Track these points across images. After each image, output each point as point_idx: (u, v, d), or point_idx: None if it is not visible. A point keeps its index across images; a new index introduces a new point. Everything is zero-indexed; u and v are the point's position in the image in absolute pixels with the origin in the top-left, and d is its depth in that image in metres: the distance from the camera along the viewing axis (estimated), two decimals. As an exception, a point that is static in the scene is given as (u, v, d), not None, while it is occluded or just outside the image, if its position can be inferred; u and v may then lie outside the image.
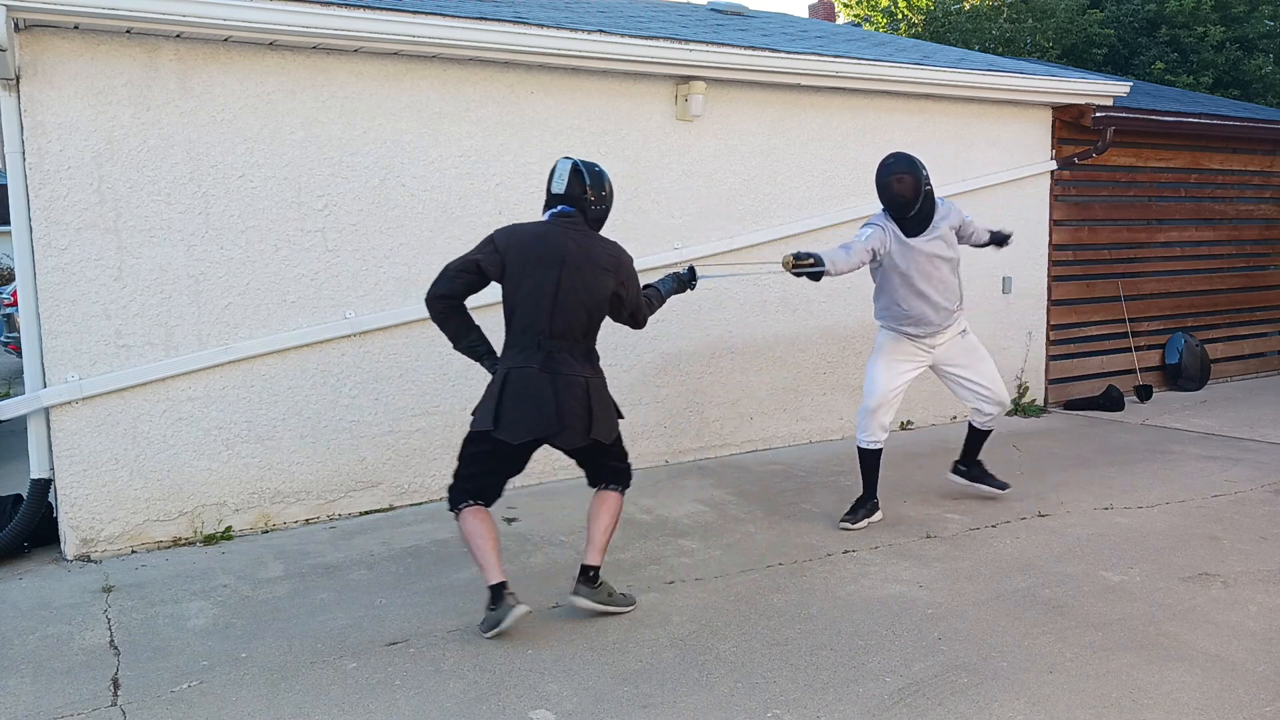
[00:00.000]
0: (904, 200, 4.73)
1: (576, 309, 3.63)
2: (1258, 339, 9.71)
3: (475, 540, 3.63)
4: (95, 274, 4.68)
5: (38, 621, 3.94)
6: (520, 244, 3.67)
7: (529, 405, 3.57)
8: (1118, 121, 7.88)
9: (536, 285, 3.60)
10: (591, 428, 3.63)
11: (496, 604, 3.57)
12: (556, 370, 3.60)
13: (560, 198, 3.75)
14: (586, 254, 3.67)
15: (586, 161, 3.79)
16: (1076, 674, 3.28)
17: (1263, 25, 17.37)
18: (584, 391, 3.63)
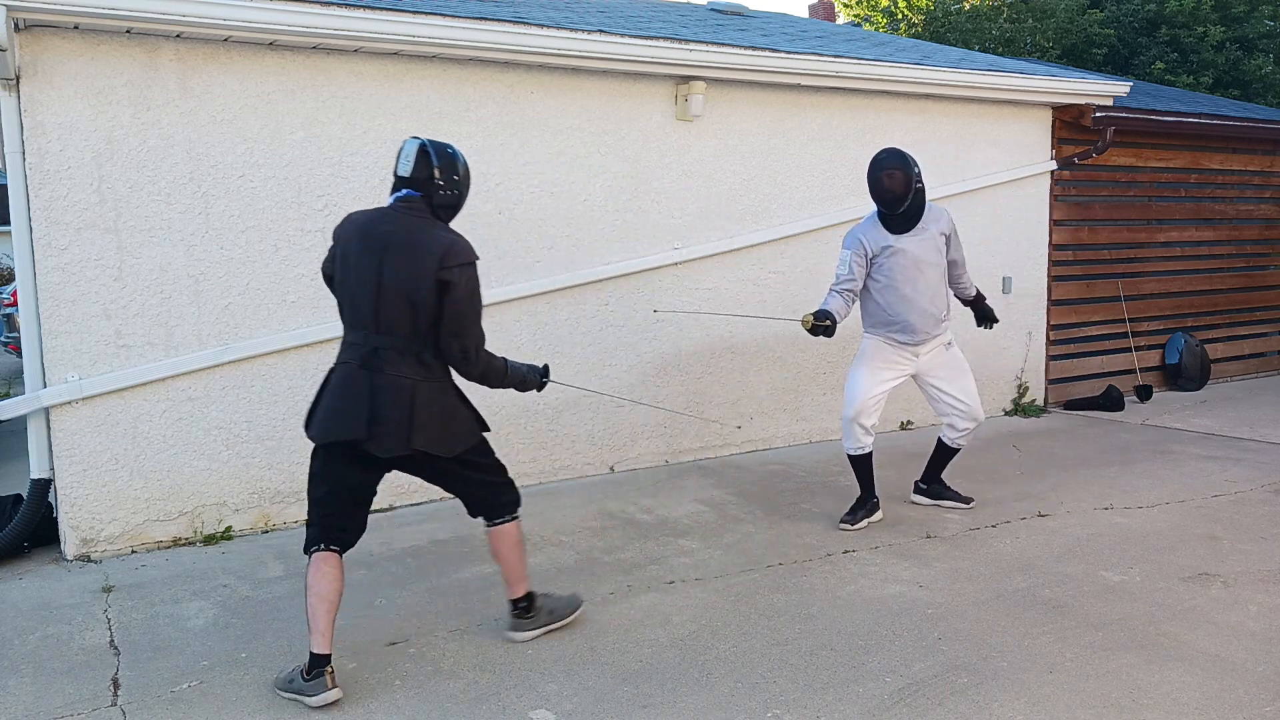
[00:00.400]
0: (893, 196, 4.66)
1: (400, 301, 3.19)
2: (1258, 339, 9.71)
3: (310, 597, 3.22)
4: (95, 274, 4.68)
5: (38, 621, 3.94)
6: (351, 230, 3.31)
7: (340, 404, 3.20)
8: (1118, 121, 7.88)
9: (360, 274, 3.23)
10: (411, 436, 3.17)
11: (311, 676, 3.17)
12: (379, 369, 3.20)
13: (405, 181, 3.34)
14: (411, 239, 3.22)
15: (438, 142, 3.39)
16: (1076, 674, 3.28)
17: (1263, 25, 17.37)
18: (408, 396, 3.18)
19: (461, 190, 3.42)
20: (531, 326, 5.80)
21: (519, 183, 5.71)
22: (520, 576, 3.56)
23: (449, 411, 3.31)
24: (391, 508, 5.41)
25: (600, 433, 6.10)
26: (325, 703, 3.15)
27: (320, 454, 3.29)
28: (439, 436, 3.26)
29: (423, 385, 3.23)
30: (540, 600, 3.65)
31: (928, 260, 4.78)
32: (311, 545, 3.28)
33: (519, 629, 3.60)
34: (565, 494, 5.59)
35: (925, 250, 4.77)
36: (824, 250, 6.85)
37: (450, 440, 3.30)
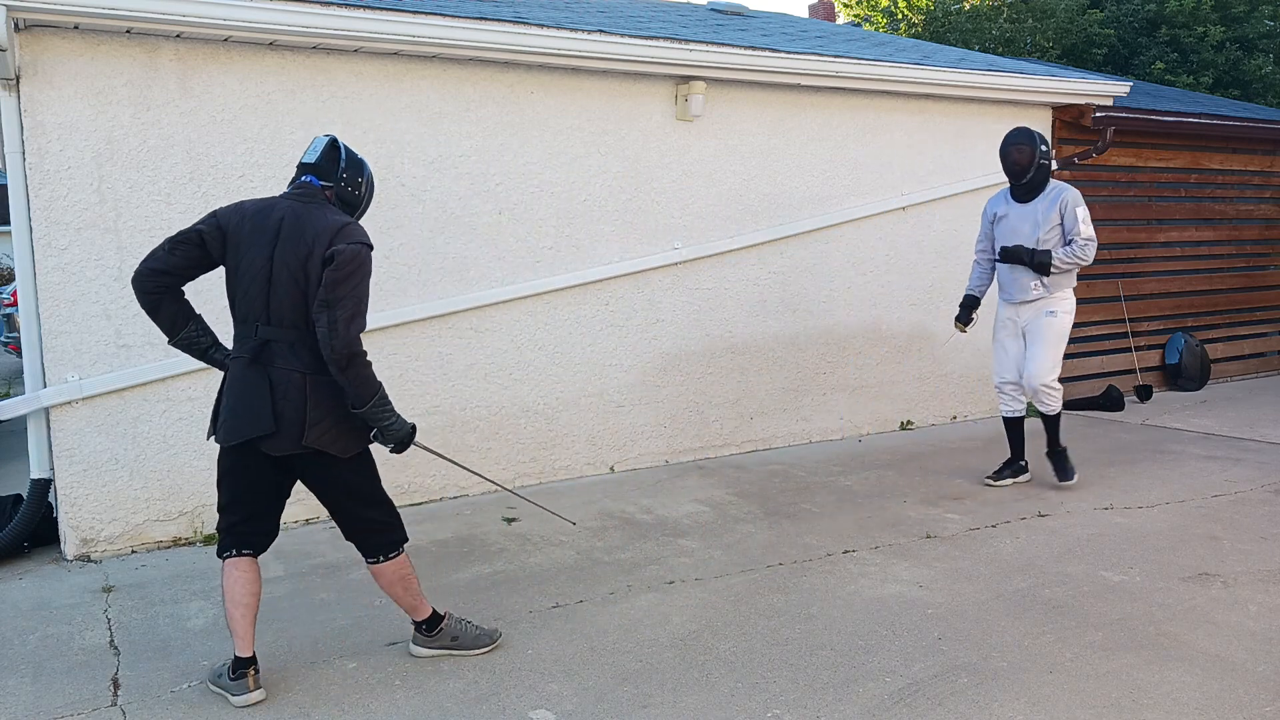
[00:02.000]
0: (1020, 168, 5.33)
1: (291, 289, 3.04)
2: (1258, 339, 9.71)
3: (227, 604, 3.17)
4: (95, 274, 4.68)
5: (38, 621, 3.94)
6: (242, 217, 3.14)
7: (240, 403, 3.08)
8: (1118, 121, 7.88)
9: (252, 264, 3.08)
10: (305, 432, 3.04)
11: (236, 676, 3.16)
12: (271, 363, 3.07)
13: (308, 167, 3.23)
14: (300, 223, 3.07)
15: (350, 148, 3.32)
16: (1076, 674, 3.28)
17: (1263, 25, 17.37)
18: (300, 390, 3.06)
19: (363, 194, 3.35)
20: (531, 326, 5.80)
21: (519, 183, 5.71)
22: (411, 606, 3.43)
23: (344, 414, 3.12)
24: (391, 508, 5.40)
25: (600, 433, 6.10)
26: (247, 703, 3.16)
27: (228, 456, 3.19)
28: (332, 435, 3.11)
29: (314, 379, 3.09)
30: (449, 624, 3.50)
31: (1022, 230, 5.38)
32: (224, 551, 3.21)
33: (419, 643, 3.51)
34: (565, 494, 5.59)
35: (1023, 221, 5.39)
36: (824, 250, 6.85)
37: (344, 441, 3.14)
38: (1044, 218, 5.31)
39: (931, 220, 7.34)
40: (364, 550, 3.35)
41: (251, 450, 3.12)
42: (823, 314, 6.92)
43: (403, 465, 5.44)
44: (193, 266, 3.17)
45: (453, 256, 5.52)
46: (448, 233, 5.52)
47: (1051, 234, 5.30)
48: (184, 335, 3.25)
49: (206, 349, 3.30)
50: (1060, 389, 5.52)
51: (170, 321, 3.22)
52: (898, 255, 7.20)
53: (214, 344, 3.32)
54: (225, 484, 3.23)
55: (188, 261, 3.15)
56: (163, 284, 3.15)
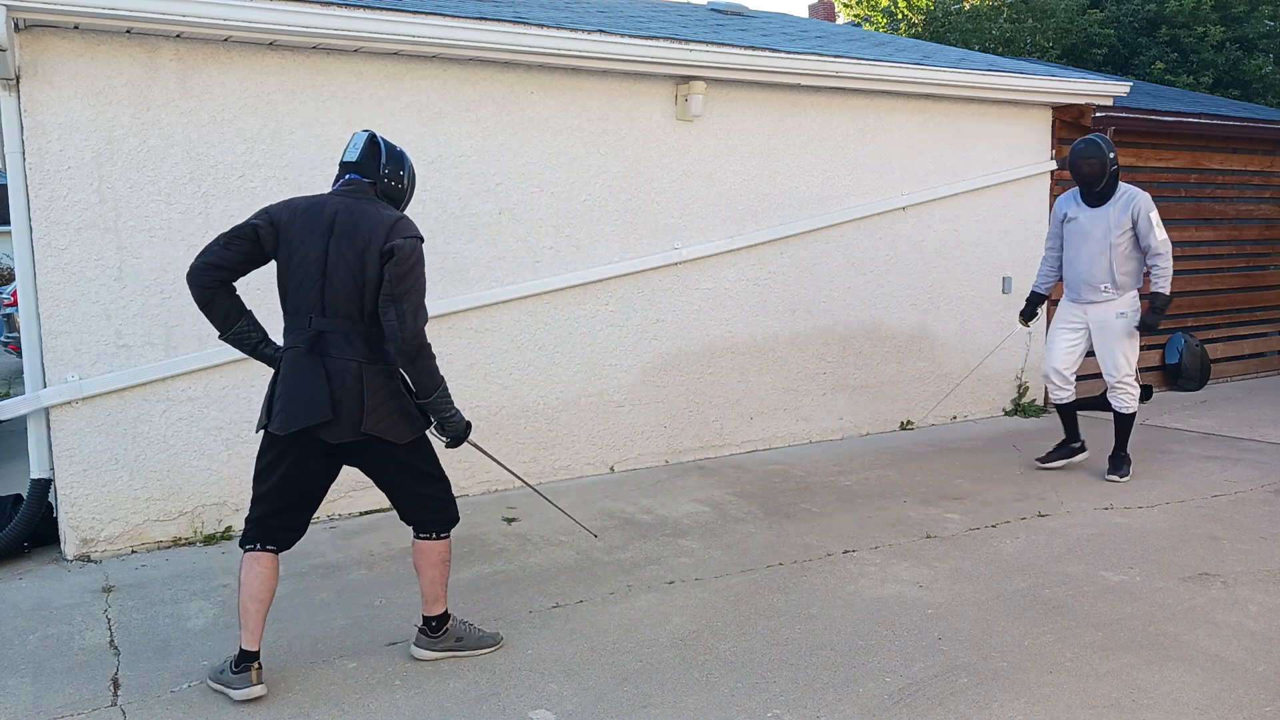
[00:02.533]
0: (1091, 178, 5.58)
1: (346, 282, 3.13)
2: (1258, 339, 9.71)
3: (243, 596, 3.20)
4: (95, 274, 4.68)
5: (38, 621, 3.94)
6: (293, 213, 3.22)
7: (297, 393, 3.11)
8: (1118, 121, 7.88)
9: (305, 258, 3.16)
10: (364, 419, 3.11)
11: (239, 669, 3.20)
12: (327, 353, 3.13)
13: (351, 165, 3.32)
14: (354, 218, 3.17)
15: (388, 140, 3.40)
16: (1076, 674, 3.28)
17: (1263, 25, 17.37)
18: (356, 378, 3.12)
19: (405, 187, 3.41)
20: (531, 326, 5.80)
21: (519, 183, 5.71)
22: (437, 596, 3.45)
23: (399, 398, 3.21)
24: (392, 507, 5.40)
25: (600, 433, 6.10)
26: (248, 698, 3.17)
27: (277, 447, 3.20)
28: (391, 421, 3.18)
29: (369, 368, 3.16)
30: (454, 625, 3.52)
31: (1094, 234, 5.60)
32: (248, 543, 3.23)
33: (422, 646, 3.49)
34: (565, 494, 5.59)
35: (1095, 224, 5.61)
36: (824, 250, 6.85)
37: (401, 427, 3.21)
38: (1115, 222, 5.53)
39: (931, 220, 7.34)
40: (420, 526, 3.41)
41: (305, 440, 3.16)
42: (823, 314, 6.92)
43: (403, 465, 5.44)
44: (247, 261, 3.24)
45: (453, 256, 5.52)
46: (448, 233, 5.52)
47: (1123, 238, 5.54)
48: (236, 330, 3.32)
49: (257, 344, 3.36)
50: (1136, 389, 5.78)
51: (224, 317, 3.29)
52: (898, 255, 7.20)
53: (264, 339, 3.38)
54: (267, 474, 3.23)
55: (242, 256, 3.22)
56: (218, 278, 3.22)
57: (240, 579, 3.23)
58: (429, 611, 3.47)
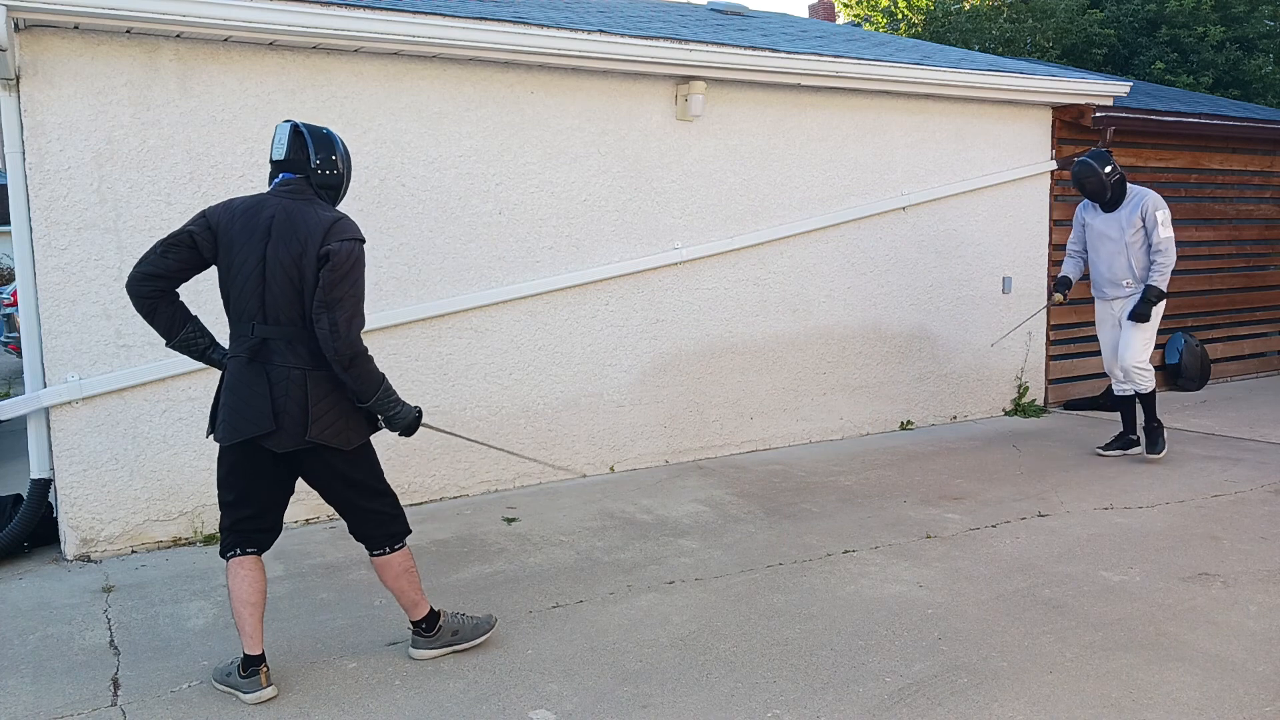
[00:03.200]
0: (1094, 192, 6.06)
1: (285, 287, 3.07)
2: (1258, 339, 9.71)
3: (234, 603, 3.19)
4: (95, 274, 4.68)
5: (38, 621, 3.94)
6: (230, 216, 3.15)
7: (239, 402, 3.10)
8: (1118, 121, 7.88)
9: (245, 263, 3.11)
10: (308, 427, 3.07)
11: (248, 674, 3.19)
12: (269, 360, 3.10)
13: (281, 164, 3.22)
14: (291, 221, 3.09)
15: (312, 125, 3.28)
16: (1076, 674, 3.28)
17: (1263, 25, 17.37)
18: (300, 386, 3.08)
19: (339, 170, 3.30)
20: (531, 326, 5.80)
21: (519, 183, 5.71)
22: (413, 601, 3.42)
23: (344, 407, 3.17)
24: (391, 508, 5.40)
25: (600, 433, 6.10)
26: (260, 700, 3.18)
27: (229, 455, 3.19)
28: (336, 428, 3.14)
29: (313, 375, 3.12)
30: (446, 620, 3.51)
31: (1109, 235, 6.10)
32: (228, 551, 3.23)
33: (419, 646, 3.48)
34: (565, 494, 5.59)
35: (1109, 227, 6.09)
36: (824, 250, 6.85)
37: (348, 433, 3.17)
38: (1127, 222, 5.99)
39: (931, 220, 7.34)
40: (369, 543, 3.35)
41: (253, 448, 3.14)
42: (823, 314, 6.92)
43: (402, 465, 5.45)
44: (186, 268, 3.19)
45: (453, 256, 5.52)
46: (448, 233, 5.52)
47: (1136, 236, 5.98)
48: (181, 337, 3.28)
49: (205, 349, 3.33)
50: (1151, 370, 6.12)
51: (167, 324, 3.25)
52: (898, 255, 7.20)
53: (212, 344, 3.35)
54: (227, 482, 3.23)
55: (181, 264, 3.17)
56: (157, 288, 3.17)
57: (229, 588, 3.21)
58: (414, 616, 3.46)
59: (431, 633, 3.48)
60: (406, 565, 3.38)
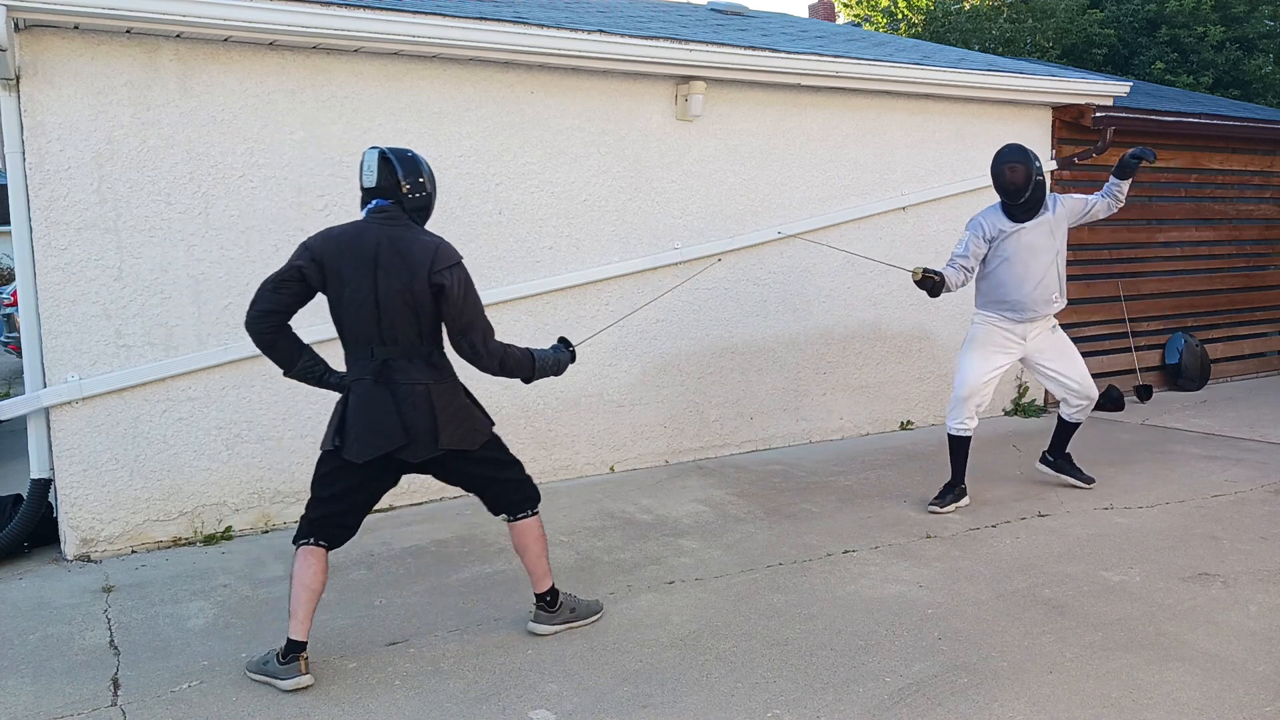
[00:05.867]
0: (1015, 188, 5.06)
1: (402, 312, 3.27)
2: (1258, 339, 9.71)
3: (295, 586, 3.32)
4: (95, 274, 4.68)
5: (38, 621, 3.94)
6: (335, 248, 3.30)
7: (371, 421, 3.27)
8: (1118, 121, 7.88)
9: (356, 291, 3.27)
10: (439, 436, 3.30)
11: (286, 660, 3.29)
12: (393, 380, 3.29)
13: (373, 191, 3.38)
14: (398, 250, 3.28)
15: (397, 149, 3.43)
16: (1076, 674, 3.28)
17: (1263, 25, 17.37)
18: (425, 400, 3.30)
19: (427, 192, 3.45)
20: (532, 326, 5.80)
21: (519, 183, 5.71)
22: (544, 571, 3.64)
23: (465, 409, 3.42)
24: (391, 508, 5.41)
25: (600, 433, 6.10)
26: (297, 687, 3.25)
27: (334, 459, 3.34)
28: (463, 433, 3.38)
29: (436, 387, 3.34)
30: (565, 598, 3.73)
31: (1040, 245, 5.17)
32: (302, 538, 3.35)
33: (541, 622, 3.67)
34: (565, 494, 5.59)
35: (1038, 236, 5.16)
36: (823, 250, 6.85)
37: (474, 434, 3.42)
38: (1057, 227, 5.20)
39: (931, 220, 7.34)
40: (511, 510, 3.59)
41: (375, 461, 3.31)
42: (823, 314, 6.92)
43: (403, 465, 5.44)
44: (297, 302, 3.37)
45: (453, 256, 5.51)
46: (447, 233, 5.47)
47: (1063, 243, 5.28)
48: (300, 366, 3.46)
49: (321, 375, 3.51)
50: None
51: (286, 356, 3.43)
52: (898, 255, 7.19)
53: (327, 369, 3.53)
54: (327, 481, 3.37)
55: (292, 298, 3.35)
56: (274, 323, 3.36)
57: (293, 572, 3.33)
58: (540, 588, 3.65)
59: (554, 608, 3.67)
60: (542, 530, 3.64)
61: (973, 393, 5.22)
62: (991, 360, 5.25)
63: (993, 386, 5.29)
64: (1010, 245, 5.15)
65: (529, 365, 3.53)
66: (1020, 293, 5.16)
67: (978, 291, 5.36)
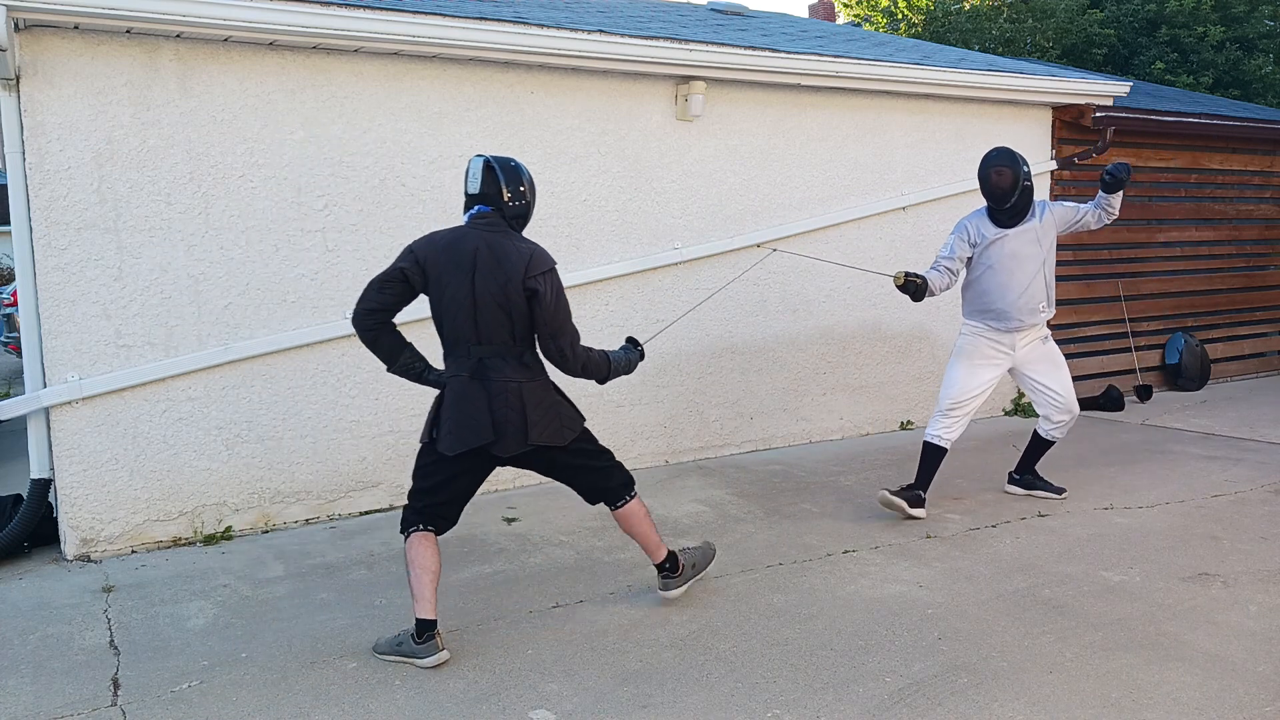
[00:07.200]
0: (1001, 192, 4.93)
1: (496, 313, 3.44)
2: (1258, 339, 9.71)
3: (414, 569, 3.48)
4: (95, 274, 4.68)
5: (38, 621, 3.94)
6: (436, 251, 3.49)
7: (463, 416, 3.45)
8: (1118, 121, 7.88)
9: (455, 292, 3.45)
10: (529, 432, 3.47)
11: (422, 639, 3.43)
12: (487, 378, 3.46)
13: (476, 198, 3.57)
14: (495, 255, 3.46)
15: (500, 157, 3.60)
16: (1076, 674, 3.28)
17: (1263, 25, 17.37)
18: (517, 397, 3.47)
19: (527, 200, 3.62)
20: (531, 326, 5.80)
21: (519, 183, 5.70)
22: (656, 545, 3.82)
23: (555, 406, 3.59)
24: (391, 508, 5.41)
25: (600, 433, 6.04)
26: (438, 663, 3.40)
27: (434, 452, 3.52)
28: (553, 429, 3.54)
29: (528, 385, 3.51)
30: (684, 556, 3.96)
31: (1026, 253, 5.00)
32: (410, 526, 3.55)
33: (669, 588, 3.89)
34: (565, 494, 5.56)
35: (1025, 244, 5.00)
36: (824, 250, 6.85)
37: (563, 431, 3.57)
38: (1044, 234, 5.04)
39: (931, 220, 7.34)
40: (609, 498, 3.75)
41: (470, 454, 3.49)
42: (823, 314, 6.92)
43: (402, 465, 5.45)
44: (401, 301, 3.53)
45: (453, 256, 5.51)
46: (448, 233, 5.51)
47: (1052, 250, 5.12)
48: (401, 363, 3.62)
49: (421, 372, 3.65)
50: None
51: (388, 352, 3.59)
52: (898, 255, 7.19)
53: (426, 366, 3.67)
54: (428, 473, 3.56)
55: (396, 297, 3.51)
56: (378, 320, 3.52)
57: (409, 558, 3.50)
58: (657, 560, 3.85)
59: (677, 572, 3.88)
60: (645, 510, 3.81)
61: (957, 406, 5.08)
62: (978, 375, 5.10)
63: (980, 401, 5.13)
64: (995, 252, 5.00)
65: (605, 367, 3.73)
66: (1005, 301, 5.00)
67: (963, 300, 5.24)
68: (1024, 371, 5.21)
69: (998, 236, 4.99)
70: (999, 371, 5.15)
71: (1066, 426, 5.31)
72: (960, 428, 5.13)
